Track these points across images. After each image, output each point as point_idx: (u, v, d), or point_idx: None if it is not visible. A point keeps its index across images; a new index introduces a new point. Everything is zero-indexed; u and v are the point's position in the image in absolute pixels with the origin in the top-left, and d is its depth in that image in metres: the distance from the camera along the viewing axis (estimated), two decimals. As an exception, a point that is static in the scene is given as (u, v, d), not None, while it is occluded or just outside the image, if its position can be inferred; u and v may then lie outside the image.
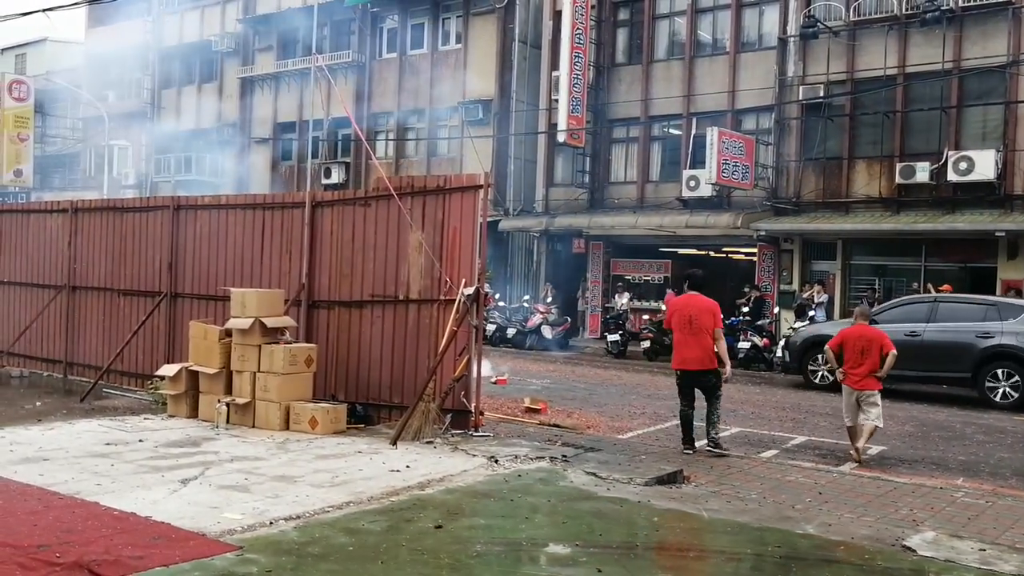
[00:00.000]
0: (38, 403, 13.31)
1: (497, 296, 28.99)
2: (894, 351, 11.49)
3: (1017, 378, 17.25)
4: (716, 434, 11.06)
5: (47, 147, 53.23)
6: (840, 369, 11.84)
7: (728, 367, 11.22)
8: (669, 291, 27.13)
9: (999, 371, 17.49)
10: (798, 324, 23.15)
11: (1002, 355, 17.47)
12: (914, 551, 7.02)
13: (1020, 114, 23.88)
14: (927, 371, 18.13)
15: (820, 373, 19.35)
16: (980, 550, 7.11)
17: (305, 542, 6.61)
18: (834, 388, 17.35)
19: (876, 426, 11.46)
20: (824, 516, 8.04)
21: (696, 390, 11.20)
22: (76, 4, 21.06)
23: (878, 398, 11.53)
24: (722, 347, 11.15)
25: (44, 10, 20.94)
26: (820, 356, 18.60)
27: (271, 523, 7.04)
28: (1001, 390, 17.43)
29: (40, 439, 10.13)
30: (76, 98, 48.49)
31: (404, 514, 7.43)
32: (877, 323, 16.89)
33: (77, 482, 8.11)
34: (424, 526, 7.09)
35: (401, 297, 11.80)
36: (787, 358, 20.98)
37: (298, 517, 7.23)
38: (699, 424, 12.12)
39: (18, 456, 9.15)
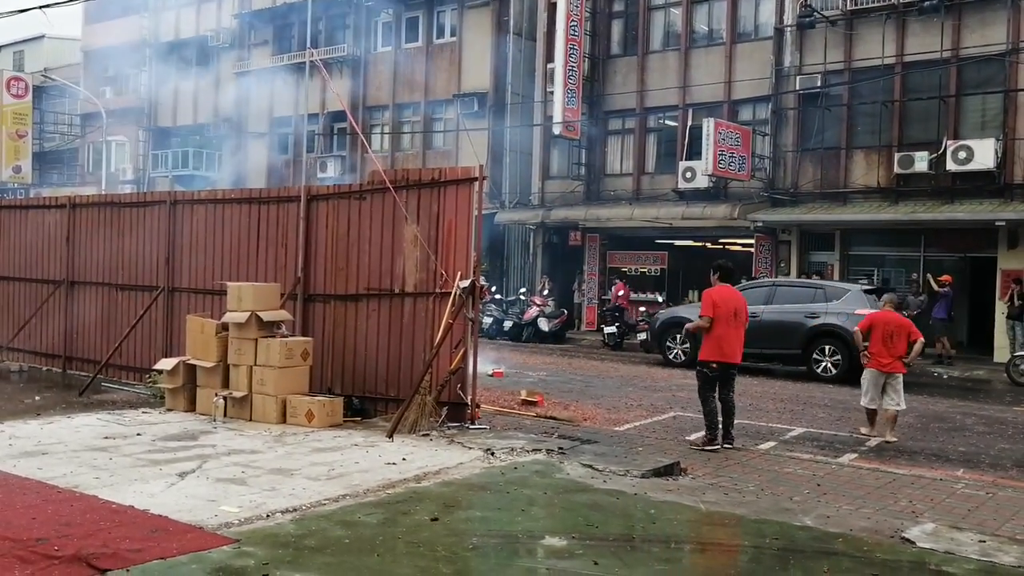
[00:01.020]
0: (37, 397, 13.29)
1: (493, 289, 29.02)
2: (922, 339, 12.37)
3: (838, 354, 19.05)
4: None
5: (45, 143, 53.22)
6: (864, 352, 12.45)
7: None
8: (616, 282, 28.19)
9: (824, 348, 19.35)
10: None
11: (826, 333, 19.36)
12: (913, 543, 6.99)
13: (1020, 102, 23.86)
14: (765, 348, 19.52)
15: (675, 351, 21.45)
16: (980, 541, 7.08)
17: (302, 535, 6.60)
18: (688, 365, 19.50)
19: (899, 411, 12.32)
20: (822, 508, 8.02)
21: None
22: (73, 0, 20.99)
23: (902, 382, 12.25)
24: None
25: (41, 7, 20.89)
26: (676, 337, 21.20)
27: (268, 516, 7.03)
28: (824, 364, 19.32)
29: (39, 433, 10.12)
30: (74, 94, 48.45)
31: (400, 507, 7.42)
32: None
33: (76, 476, 8.11)
34: (420, 519, 7.08)
35: (397, 290, 11.78)
36: (649, 339, 23.01)
37: (295, 510, 7.22)
38: (693, 415, 12.16)
39: (17, 450, 9.15)
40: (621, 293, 27.61)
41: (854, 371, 17.20)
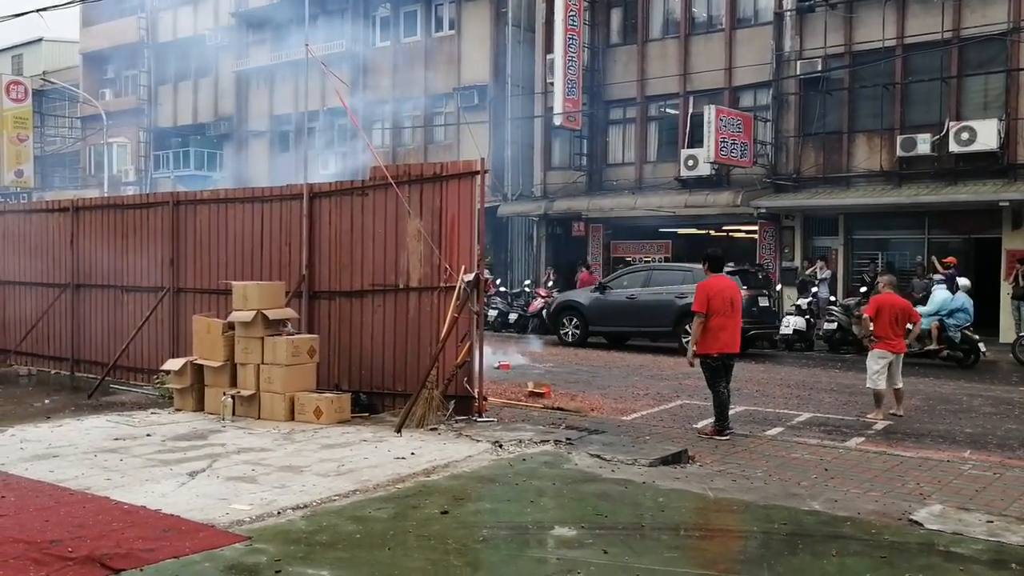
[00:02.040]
0: (46, 401, 13.33)
1: (498, 281, 29.02)
2: (921, 321, 12.97)
3: None
4: None
5: (46, 147, 53.32)
6: (871, 335, 12.72)
7: None
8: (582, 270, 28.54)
9: (690, 324, 18.74)
10: (801, 301, 23.19)
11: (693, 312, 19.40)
12: (921, 525, 7.01)
13: (1022, 82, 23.83)
14: (641, 326, 22.03)
15: (568, 332, 23.18)
16: (988, 522, 7.10)
17: (313, 531, 6.63)
18: (580, 344, 22.66)
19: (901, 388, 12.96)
20: (830, 492, 8.05)
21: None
22: (69, 4, 21.02)
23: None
24: None
25: (38, 10, 20.94)
26: (569, 319, 23.19)
27: (279, 513, 7.06)
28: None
29: (49, 436, 10.17)
30: (73, 97, 48.52)
31: (410, 501, 7.46)
32: (609, 289, 22.09)
33: (87, 477, 8.15)
34: (430, 512, 7.11)
35: (401, 285, 11.81)
36: (545, 320, 24.67)
37: (305, 506, 7.26)
38: (700, 403, 12.21)
39: (29, 453, 9.19)
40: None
41: None
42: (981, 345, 19.51)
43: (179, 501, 7.32)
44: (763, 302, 21.77)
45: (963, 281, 20.61)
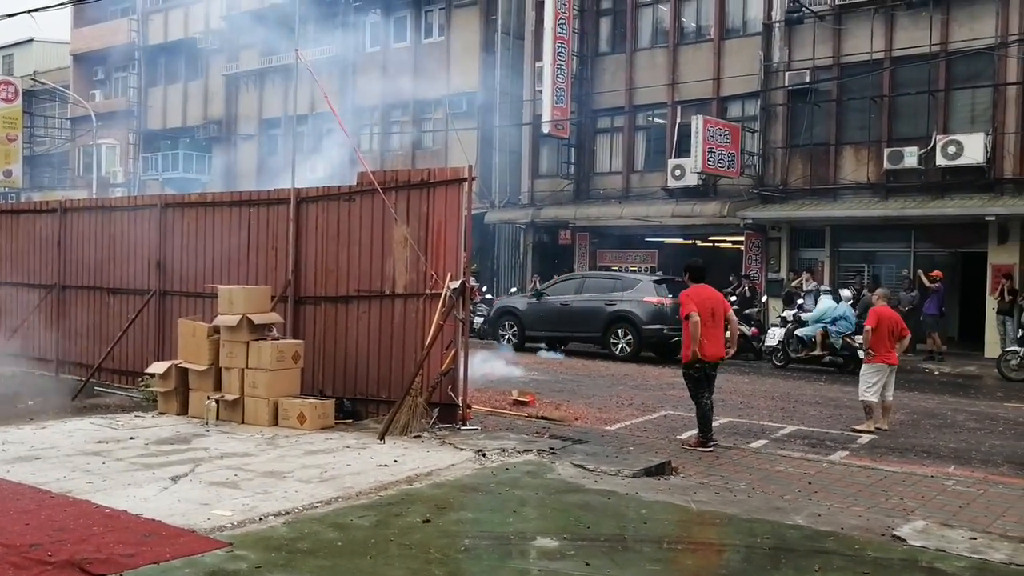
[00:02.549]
0: (30, 402, 13.25)
1: (484, 289, 29.01)
2: (909, 335, 13.25)
3: (630, 336, 21.82)
4: None
5: (36, 147, 53.16)
6: (869, 349, 12.84)
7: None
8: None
9: (618, 330, 22.05)
10: (787, 313, 23.21)
11: (620, 318, 22.03)
12: (904, 541, 7.00)
13: (1009, 97, 23.92)
14: (574, 331, 22.97)
15: (507, 336, 23.92)
16: (971, 539, 7.10)
17: (294, 538, 6.61)
18: (518, 349, 23.13)
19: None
20: (814, 506, 8.05)
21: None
22: (61, 4, 20.96)
23: None
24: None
25: (30, 11, 20.85)
26: (508, 323, 24.03)
27: (261, 519, 7.04)
28: (619, 345, 21.97)
29: (32, 438, 10.11)
30: (63, 98, 48.38)
31: (392, 509, 7.44)
32: (546, 295, 23.52)
33: (69, 480, 8.11)
34: (412, 520, 7.09)
35: (387, 292, 11.79)
36: (486, 326, 25.60)
37: (287, 513, 7.23)
38: (683, 414, 12.22)
39: (11, 455, 9.14)
40: None
41: (643, 351, 21.89)
42: (860, 352, 19.58)
43: (161, 506, 7.29)
44: None
45: (845, 292, 22.08)
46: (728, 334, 11.43)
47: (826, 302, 20.98)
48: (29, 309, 16.55)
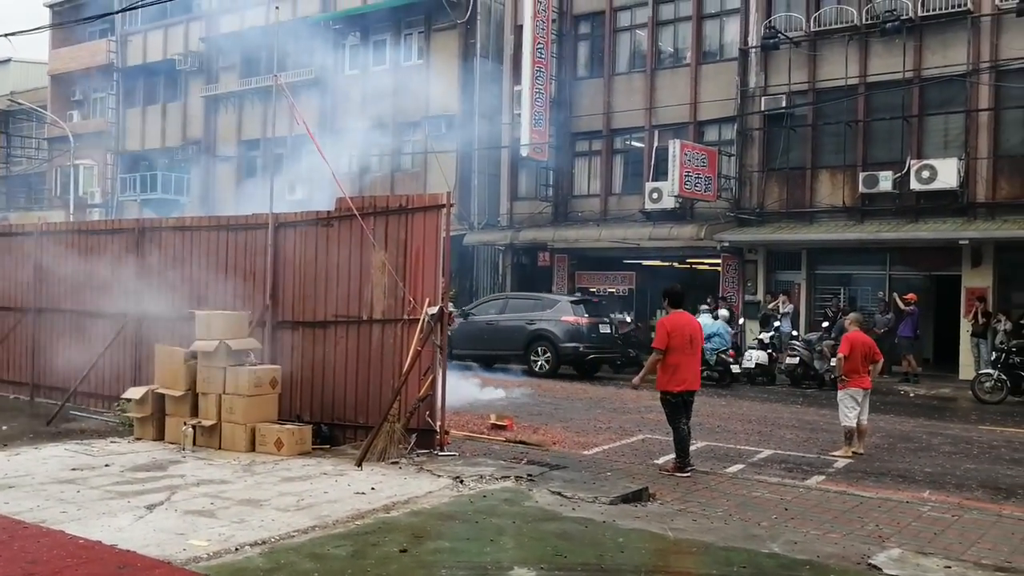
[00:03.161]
0: (4, 427, 13.15)
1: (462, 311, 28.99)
2: (882, 359, 13.38)
3: (549, 354, 22.85)
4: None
5: (12, 167, 52.88)
6: (843, 376, 12.90)
7: None
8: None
9: (538, 348, 23.07)
10: (763, 335, 23.36)
11: (540, 337, 23.09)
12: (880, 569, 7.03)
13: (981, 123, 24.18)
14: (497, 350, 23.74)
15: None
16: (946, 567, 7.14)
17: (271, 568, 6.59)
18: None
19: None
20: (790, 533, 8.08)
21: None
22: (39, 29, 20.96)
23: None
24: None
25: (7, 35, 20.90)
26: None
27: (236, 549, 7.01)
28: (539, 362, 22.92)
29: (6, 465, 10.03)
30: (41, 118, 48.18)
31: (369, 538, 7.42)
32: (472, 315, 24.21)
33: (43, 510, 8.05)
34: (389, 550, 7.08)
35: (365, 317, 11.79)
36: None
37: (264, 542, 7.21)
38: (661, 437, 12.25)
39: (-17, 483, 9.07)
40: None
41: (561, 368, 22.92)
42: (734, 367, 22.62)
43: (136, 536, 7.25)
44: (604, 329, 23.84)
45: (723, 312, 24.23)
46: None
47: (703, 320, 21.74)
48: (4, 332, 16.45)
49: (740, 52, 27.89)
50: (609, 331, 24.00)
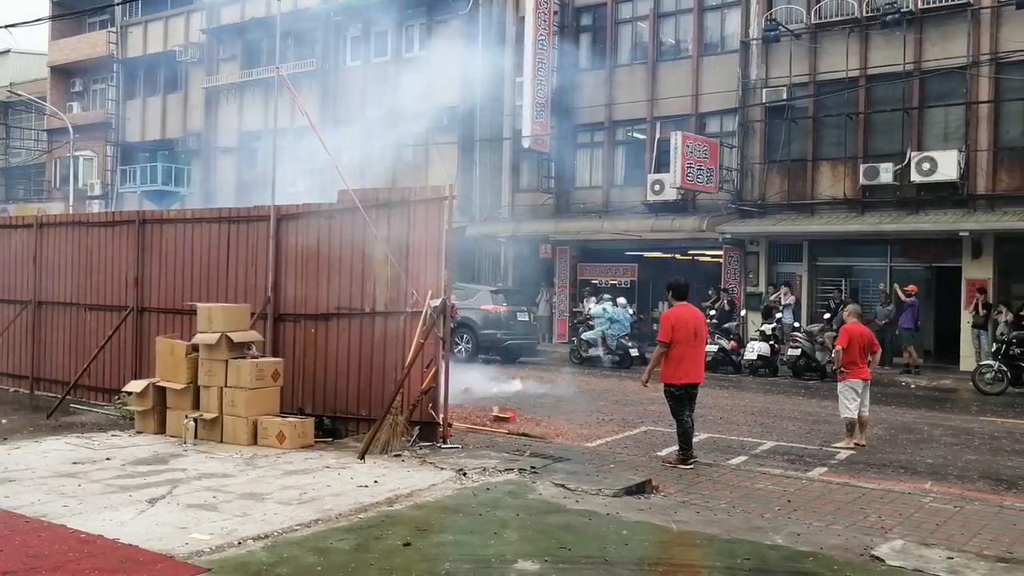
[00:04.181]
0: (4, 420, 13.14)
1: (590, 306, 28.94)
2: (880, 350, 13.53)
3: (469, 341, 24.03)
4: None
5: (12, 158, 52.81)
6: (841, 368, 12.91)
7: None
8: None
9: (460, 335, 23.59)
10: (765, 327, 23.34)
11: (461, 324, 23.17)
12: (883, 561, 7.02)
13: (981, 115, 24.14)
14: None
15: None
16: (948, 558, 7.12)
17: (273, 562, 6.57)
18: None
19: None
20: (793, 525, 8.06)
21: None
22: (39, 20, 20.91)
23: None
24: None
25: (6, 26, 20.84)
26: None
27: (239, 543, 7.00)
28: (460, 348, 23.49)
29: (6, 459, 10.01)
30: (40, 109, 48.11)
31: (373, 531, 7.41)
32: None
33: (43, 504, 8.03)
34: (393, 543, 7.07)
35: (367, 310, 11.77)
36: None
37: (266, 536, 7.19)
38: (664, 429, 12.24)
39: (-16, 477, 9.06)
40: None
41: (479, 354, 23.82)
42: (633, 351, 24.16)
43: (137, 530, 7.24)
44: (522, 317, 25.41)
45: (621, 300, 25.66)
46: None
47: (603, 308, 24.15)
48: (4, 325, 16.42)
49: (741, 44, 27.85)
50: (527, 319, 25.71)
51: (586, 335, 24.78)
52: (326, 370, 12.11)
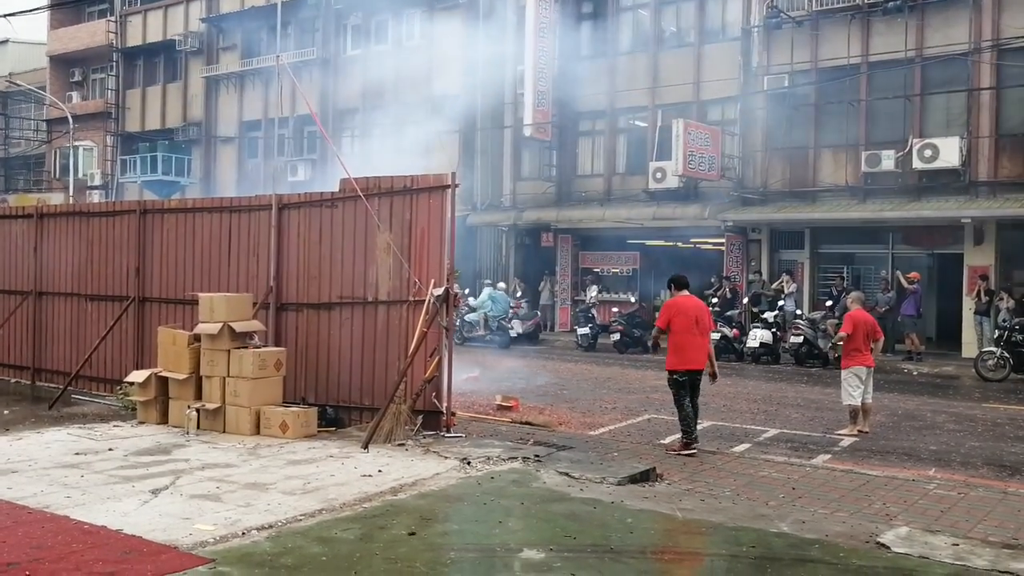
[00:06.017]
0: (6, 412, 13.16)
1: (467, 291, 28.99)
2: (883, 337, 13.66)
3: None
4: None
5: (11, 148, 52.73)
6: (848, 351, 12.97)
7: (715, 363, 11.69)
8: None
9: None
10: (768, 315, 23.34)
11: None
12: (888, 548, 7.01)
13: (983, 101, 24.04)
14: None
15: None
16: (953, 544, 7.11)
17: (278, 553, 6.56)
18: None
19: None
20: (798, 513, 8.05)
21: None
22: (38, 10, 20.87)
23: None
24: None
25: (6, 15, 20.80)
26: None
27: (243, 533, 6.98)
28: None
29: (8, 450, 10.01)
30: (39, 99, 48.01)
31: (377, 521, 7.39)
32: None
33: (46, 495, 8.02)
34: (397, 533, 7.05)
35: (370, 299, 11.75)
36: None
37: (270, 526, 7.18)
38: (667, 417, 12.22)
39: (-14, 469, 9.05)
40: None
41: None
42: (512, 332, 26.39)
43: (141, 521, 7.22)
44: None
45: (501, 285, 28.30)
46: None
47: (486, 292, 25.86)
48: (4, 316, 16.40)
49: (743, 31, 27.74)
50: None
51: (468, 317, 26.69)
52: (329, 359, 12.09)
